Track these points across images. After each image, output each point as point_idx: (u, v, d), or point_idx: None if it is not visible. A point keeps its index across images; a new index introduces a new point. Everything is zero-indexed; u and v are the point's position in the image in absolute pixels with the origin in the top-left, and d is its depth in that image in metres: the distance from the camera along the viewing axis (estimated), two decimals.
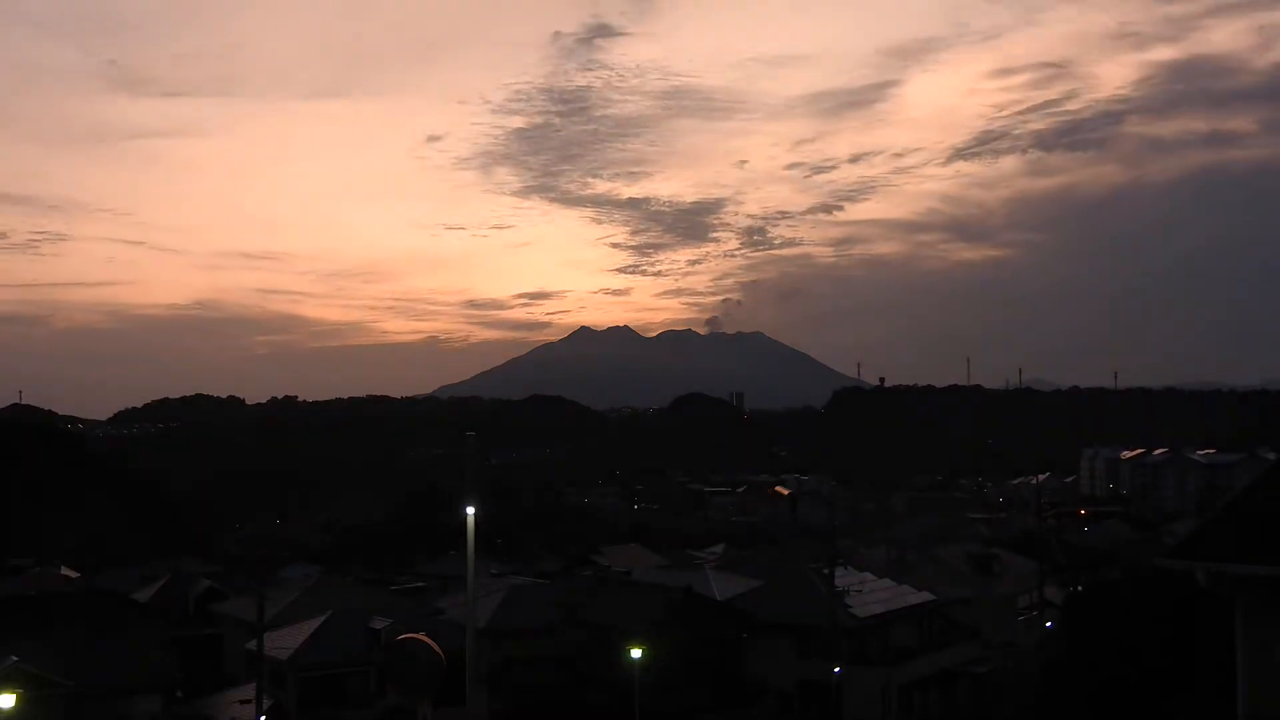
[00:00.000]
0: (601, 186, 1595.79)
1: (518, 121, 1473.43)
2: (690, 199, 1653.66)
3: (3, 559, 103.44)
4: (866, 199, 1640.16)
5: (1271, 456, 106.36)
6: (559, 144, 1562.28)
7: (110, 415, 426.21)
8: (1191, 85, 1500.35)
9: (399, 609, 55.93)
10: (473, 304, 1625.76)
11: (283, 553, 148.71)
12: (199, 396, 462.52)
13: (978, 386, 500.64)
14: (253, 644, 48.21)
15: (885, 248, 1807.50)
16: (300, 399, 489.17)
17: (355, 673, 49.62)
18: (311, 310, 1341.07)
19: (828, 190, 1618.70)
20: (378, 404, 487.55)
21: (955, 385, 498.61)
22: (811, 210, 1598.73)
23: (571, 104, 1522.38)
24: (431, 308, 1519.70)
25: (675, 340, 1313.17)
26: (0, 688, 34.13)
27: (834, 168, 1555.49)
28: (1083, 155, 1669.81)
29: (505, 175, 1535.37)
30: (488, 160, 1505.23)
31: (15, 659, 44.00)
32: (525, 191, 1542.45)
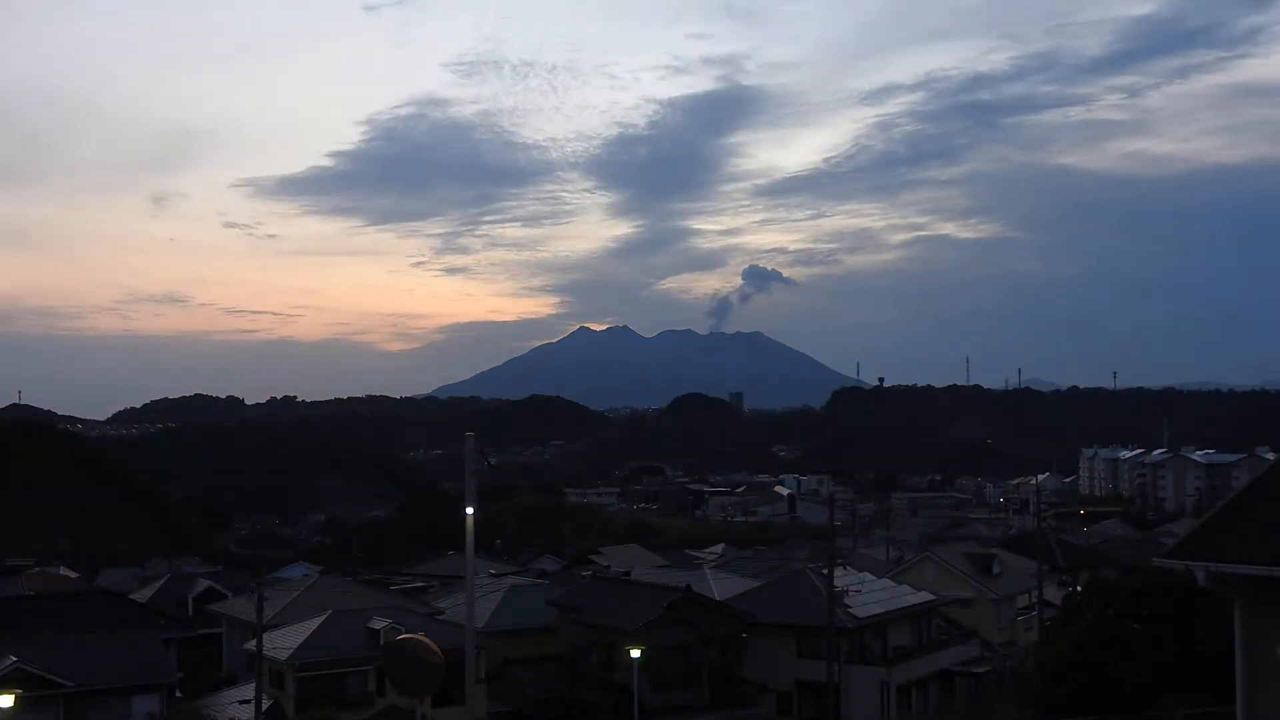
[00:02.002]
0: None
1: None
2: None
3: (3, 559, 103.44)
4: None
5: (1271, 456, 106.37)
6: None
7: (110, 415, 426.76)
8: None
9: (399, 609, 55.85)
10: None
11: (283, 553, 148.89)
12: (198, 396, 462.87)
13: (977, 386, 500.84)
14: (252, 644, 48.23)
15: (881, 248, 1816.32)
16: (300, 399, 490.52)
17: (354, 673, 49.54)
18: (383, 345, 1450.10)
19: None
20: (378, 404, 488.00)
21: (955, 385, 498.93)
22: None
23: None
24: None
25: (675, 340, 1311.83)
26: (0, 688, 34.09)
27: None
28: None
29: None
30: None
31: (15, 659, 44.00)
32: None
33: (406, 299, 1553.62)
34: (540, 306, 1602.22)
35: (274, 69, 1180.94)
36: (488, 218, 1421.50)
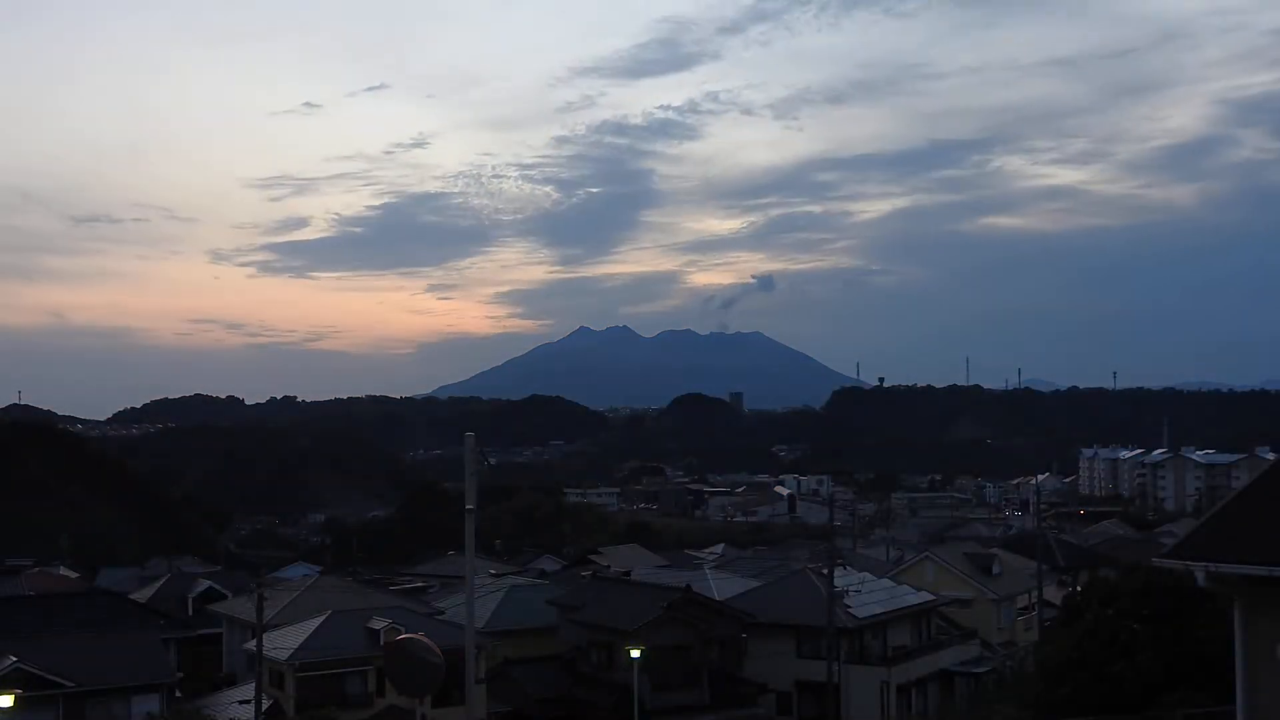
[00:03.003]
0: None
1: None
2: None
3: (3, 559, 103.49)
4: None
5: (1271, 456, 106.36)
6: None
7: (110, 415, 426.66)
8: None
9: (399, 609, 55.87)
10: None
11: (283, 553, 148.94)
12: (199, 396, 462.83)
13: (977, 386, 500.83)
14: (252, 644, 48.24)
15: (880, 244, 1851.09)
16: (300, 399, 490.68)
17: (354, 673, 49.57)
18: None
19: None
20: (378, 404, 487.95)
21: (955, 385, 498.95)
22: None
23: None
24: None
25: (674, 340, 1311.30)
26: (0, 688, 34.11)
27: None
28: None
29: None
30: None
31: (15, 659, 44.03)
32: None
33: (411, 320, 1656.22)
34: (532, 323, 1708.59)
35: (309, 194, 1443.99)
36: (478, 262, 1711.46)
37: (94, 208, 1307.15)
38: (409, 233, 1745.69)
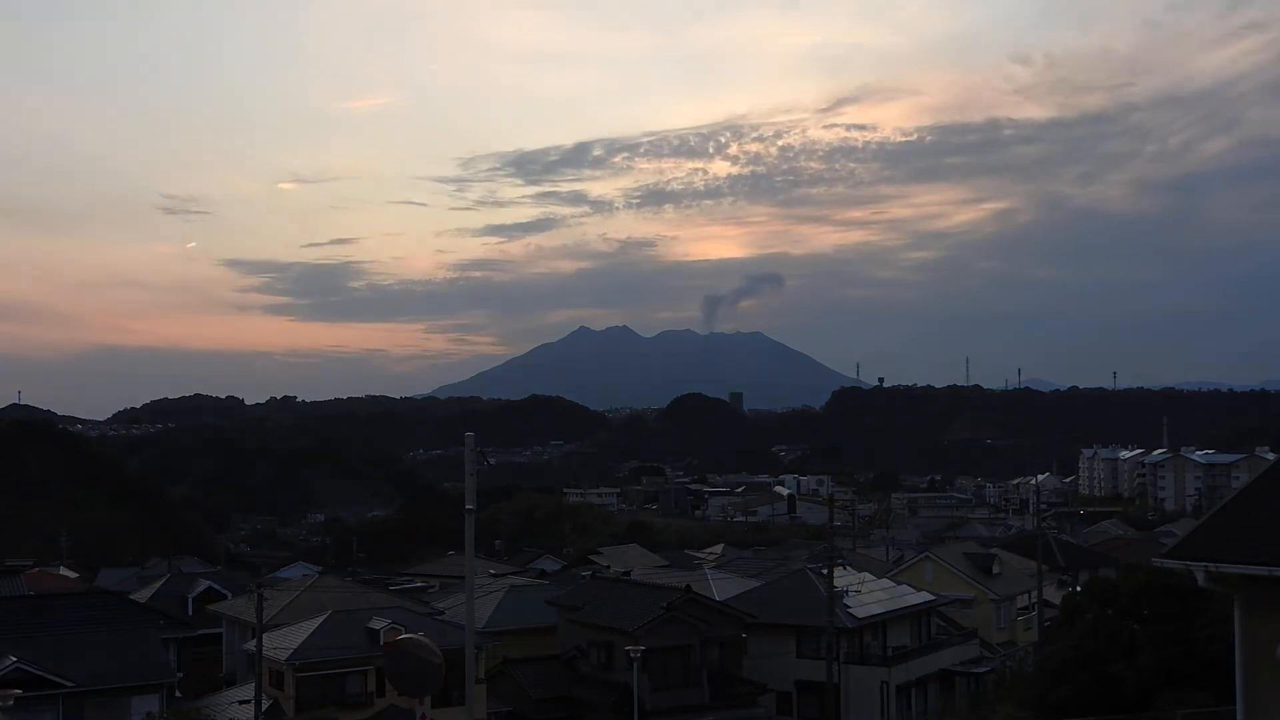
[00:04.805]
0: None
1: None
2: None
3: (3, 559, 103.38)
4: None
5: (1271, 456, 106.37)
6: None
7: (110, 415, 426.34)
8: None
9: (399, 609, 55.86)
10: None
11: (283, 553, 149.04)
12: (198, 396, 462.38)
13: (977, 386, 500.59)
14: (252, 644, 48.25)
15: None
16: (300, 399, 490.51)
17: (354, 673, 49.55)
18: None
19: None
20: (377, 404, 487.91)
21: (955, 385, 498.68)
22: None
23: None
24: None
25: (675, 340, 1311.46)
26: (0, 688, 34.06)
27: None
28: None
29: None
30: None
31: (15, 659, 44.00)
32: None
33: (411, 338, 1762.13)
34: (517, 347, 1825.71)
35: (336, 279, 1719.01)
36: (470, 313, 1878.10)
37: (201, 297, 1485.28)
38: (403, 297, 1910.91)
